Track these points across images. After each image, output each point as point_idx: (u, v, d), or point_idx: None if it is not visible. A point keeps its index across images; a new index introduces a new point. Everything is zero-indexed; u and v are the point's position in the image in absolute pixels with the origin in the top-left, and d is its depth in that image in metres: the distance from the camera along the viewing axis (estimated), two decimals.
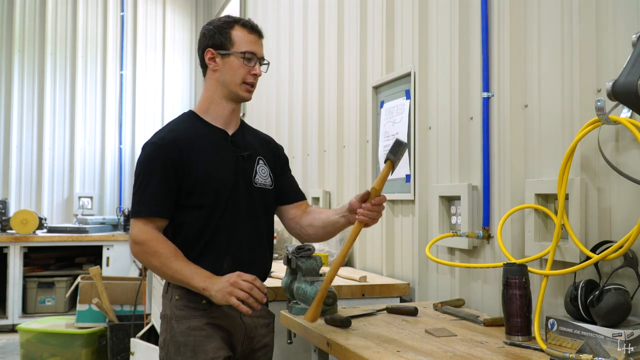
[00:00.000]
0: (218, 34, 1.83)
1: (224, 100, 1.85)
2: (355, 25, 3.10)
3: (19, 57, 6.79)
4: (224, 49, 1.82)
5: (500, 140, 1.98)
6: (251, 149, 1.89)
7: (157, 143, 1.78)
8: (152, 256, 1.71)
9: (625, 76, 1.30)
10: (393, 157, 1.64)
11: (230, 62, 1.81)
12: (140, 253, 1.74)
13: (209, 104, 1.87)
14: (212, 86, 1.86)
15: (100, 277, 4.39)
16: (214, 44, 1.83)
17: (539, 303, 1.57)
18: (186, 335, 1.73)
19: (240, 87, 1.83)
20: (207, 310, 1.75)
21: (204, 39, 1.86)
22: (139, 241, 1.73)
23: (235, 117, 1.90)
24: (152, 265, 1.73)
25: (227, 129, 1.87)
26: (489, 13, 2.06)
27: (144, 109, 7.19)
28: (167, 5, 7.41)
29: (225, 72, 1.82)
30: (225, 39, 1.82)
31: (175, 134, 1.79)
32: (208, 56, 1.84)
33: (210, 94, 1.86)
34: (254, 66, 1.83)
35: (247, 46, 1.82)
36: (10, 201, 6.41)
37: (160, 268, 1.71)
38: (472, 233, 2.06)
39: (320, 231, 1.88)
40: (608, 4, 1.59)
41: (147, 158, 1.78)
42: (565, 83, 1.72)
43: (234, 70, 1.81)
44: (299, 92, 4.01)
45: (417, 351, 1.46)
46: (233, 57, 1.81)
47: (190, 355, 1.71)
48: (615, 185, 1.56)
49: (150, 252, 1.71)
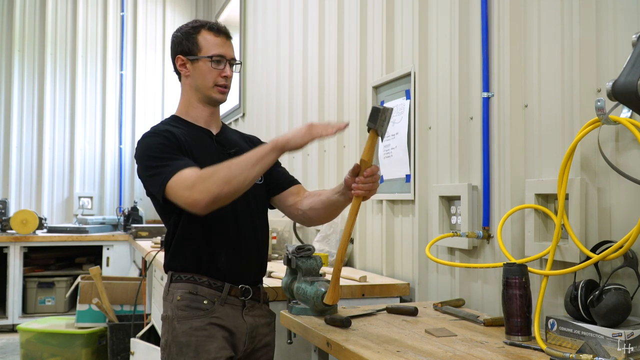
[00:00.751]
0: (185, 40, 1.85)
1: (200, 104, 1.88)
2: (355, 25, 3.10)
3: (19, 57, 6.79)
4: (192, 54, 1.84)
5: (500, 140, 1.98)
6: (236, 146, 1.91)
7: (154, 132, 1.77)
8: (214, 175, 1.56)
9: (625, 76, 1.30)
10: (373, 124, 1.59)
11: (200, 67, 1.83)
12: (204, 186, 1.55)
13: (187, 107, 1.89)
14: (187, 91, 1.88)
15: (100, 277, 4.39)
16: (183, 50, 1.85)
17: (539, 303, 1.57)
18: (188, 335, 1.73)
19: (213, 90, 1.85)
20: (209, 310, 1.75)
21: (173, 46, 1.88)
22: (191, 179, 1.57)
23: (215, 119, 1.92)
24: (222, 180, 1.55)
25: (210, 129, 1.89)
26: (489, 13, 2.06)
27: (144, 109, 7.19)
28: (167, 5, 7.41)
29: (197, 77, 1.84)
30: (193, 44, 1.84)
31: (167, 131, 1.79)
32: (179, 63, 1.86)
33: (187, 98, 1.89)
34: (224, 68, 1.84)
35: (214, 49, 1.83)
36: (10, 201, 6.41)
37: (230, 171, 1.56)
38: (472, 233, 2.06)
39: (322, 213, 1.87)
40: (608, 4, 1.59)
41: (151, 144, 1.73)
42: (565, 83, 1.72)
43: (204, 75, 1.83)
44: (298, 91, 4.01)
45: (417, 351, 1.46)
46: (202, 62, 1.83)
47: (192, 356, 1.71)
48: (615, 185, 1.56)
49: (209, 175, 1.56)
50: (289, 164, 4.09)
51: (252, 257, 1.86)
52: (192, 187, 1.56)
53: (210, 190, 1.55)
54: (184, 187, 1.58)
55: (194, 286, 1.77)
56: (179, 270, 1.80)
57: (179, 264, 1.80)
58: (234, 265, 1.80)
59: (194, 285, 1.77)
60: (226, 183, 1.55)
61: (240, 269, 1.82)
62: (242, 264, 1.82)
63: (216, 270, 1.78)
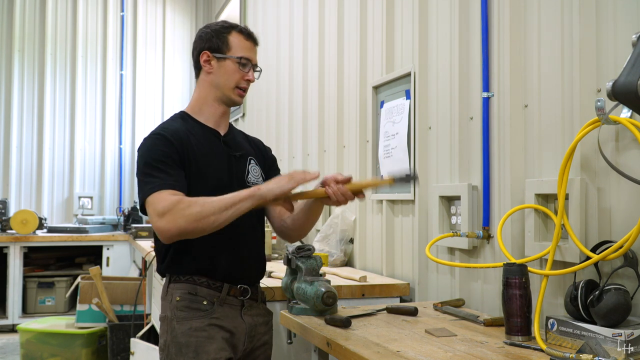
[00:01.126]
0: (215, 37, 1.85)
1: (216, 102, 1.87)
2: (355, 25, 3.10)
3: (19, 57, 6.79)
4: (220, 52, 1.84)
5: (500, 140, 1.98)
6: (242, 149, 1.91)
7: (160, 133, 1.76)
8: (188, 208, 1.56)
9: (625, 76, 1.30)
10: (397, 180, 1.65)
11: (226, 66, 1.83)
12: (175, 217, 1.56)
13: (202, 104, 1.88)
14: (205, 88, 1.87)
15: (100, 277, 4.39)
16: (211, 47, 1.84)
17: (539, 303, 1.57)
18: (188, 336, 1.73)
19: (233, 91, 1.85)
20: (208, 311, 1.75)
21: (201, 41, 1.87)
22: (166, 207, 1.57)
23: (225, 119, 1.92)
24: (193, 216, 1.56)
25: (218, 129, 1.89)
26: (489, 13, 2.06)
27: (144, 109, 7.19)
28: (167, 5, 7.41)
29: (220, 76, 1.84)
30: (223, 43, 1.84)
31: (174, 129, 1.79)
32: (203, 58, 1.85)
33: (203, 95, 1.88)
34: (248, 72, 1.85)
35: (243, 52, 1.84)
36: (10, 201, 6.41)
37: (203, 210, 1.56)
38: (472, 233, 2.06)
39: (297, 217, 1.87)
40: (608, 4, 1.59)
41: (152, 147, 1.73)
42: (565, 83, 1.72)
43: (229, 74, 1.83)
44: (299, 92, 4.01)
45: (417, 351, 1.46)
46: (229, 61, 1.83)
47: (192, 356, 1.71)
48: (615, 185, 1.56)
49: (184, 207, 1.56)
50: (288, 164, 4.10)
51: (251, 257, 1.86)
52: (162, 214, 1.57)
53: (177, 224, 1.56)
54: (156, 212, 1.59)
55: (193, 287, 1.76)
56: (178, 271, 1.80)
57: (178, 266, 1.80)
58: (233, 265, 1.80)
59: (193, 286, 1.76)
60: (195, 220, 1.57)
61: (239, 269, 1.82)
62: (241, 265, 1.82)
63: (215, 271, 1.78)
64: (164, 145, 1.73)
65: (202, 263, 1.77)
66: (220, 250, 1.78)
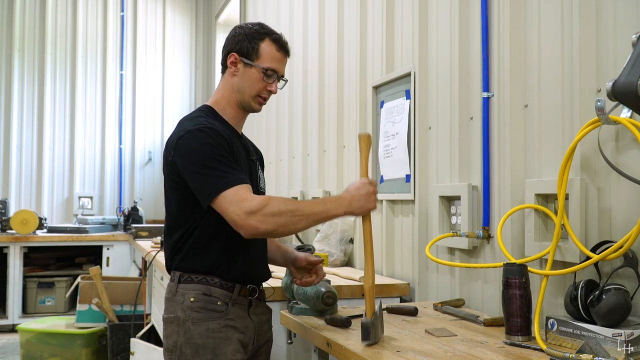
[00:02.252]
0: (247, 41, 1.80)
1: (237, 106, 1.85)
2: (355, 25, 3.10)
3: (19, 57, 6.79)
4: (248, 58, 1.79)
5: (500, 140, 1.98)
6: (255, 154, 1.93)
7: (213, 128, 1.70)
8: (276, 214, 1.55)
9: (625, 76, 1.30)
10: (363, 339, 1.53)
11: (250, 74, 1.80)
12: (265, 219, 1.54)
13: (225, 105, 1.85)
14: (228, 89, 1.84)
15: (100, 277, 4.39)
16: (240, 49, 1.80)
17: (539, 303, 1.57)
18: (205, 337, 1.70)
19: (254, 99, 1.82)
20: (223, 312, 1.73)
21: (232, 41, 1.83)
22: (254, 207, 1.54)
23: (243, 122, 1.91)
24: (282, 222, 1.55)
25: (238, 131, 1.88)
26: (489, 13, 2.06)
27: (144, 109, 7.19)
28: (167, 5, 7.41)
29: (243, 81, 1.81)
30: (253, 49, 1.79)
31: (219, 127, 1.73)
32: (231, 60, 1.81)
33: (227, 96, 1.85)
34: (272, 83, 1.82)
35: (271, 63, 1.80)
36: (10, 201, 6.41)
37: (293, 217, 1.56)
38: (472, 233, 2.06)
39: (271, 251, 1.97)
40: (608, 4, 1.59)
41: (211, 140, 1.66)
42: (565, 83, 1.72)
43: (252, 82, 1.80)
44: (299, 92, 4.01)
45: (417, 351, 1.46)
46: (255, 69, 1.79)
47: (210, 358, 1.69)
48: (615, 185, 1.56)
49: (272, 211, 1.55)
50: (288, 165, 4.10)
51: (263, 258, 1.87)
52: (252, 212, 1.54)
53: (265, 227, 1.55)
54: (243, 209, 1.55)
55: (207, 287, 1.73)
56: (190, 271, 1.77)
57: (192, 265, 1.76)
58: (248, 266, 1.79)
59: (206, 287, 1.73)
60: (283, 226, 1.57)
61: (253, 271, 1.81)
62: (254, 265, 1.82)
63: (230, 273, 1.76)
64: (221, 140, 1.68)
65: (219, 262, 1.75)
66: (235, 251, 1.76)
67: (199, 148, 1.65)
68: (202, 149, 1.65)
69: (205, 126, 1.70)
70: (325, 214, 1.60)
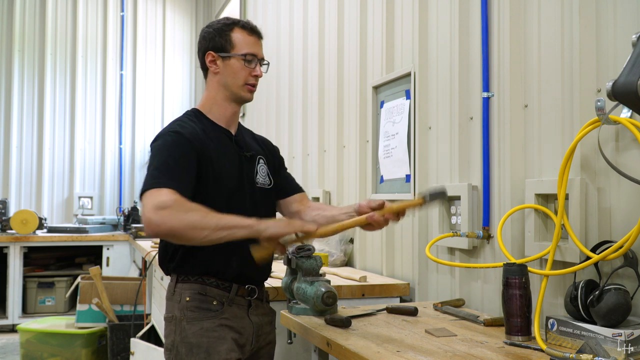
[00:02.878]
0: (218, 36, 1.83)
1: (226, 102, 1.86)
2: (355, 25, 3.10)
3: (19, 57, 6.79)
4: (224, 51, 1.82)
5: (500, 140, 1.98)
6: (253, 150, 1.91)
7: (180, 132, 1.71)
8: (188, 212, 1.51)
9: (625, 76, 1.30)
10: (429, 200, 1.57)
11: (232, 65, 1.82)
12: (171, 214, 1.50)
13: (212, 104, 1.86)
14: (214, 88, 1.86)
15: (100, 277, 4.39)
16: (215, 46, 1.83)
17: (539, 303, 1.57)
18: (199, 336, 1.72)
19: (242, 88, 1.84)
20: (218, 312, 1.74)
21: (204, 41, 1.85)
22: (167, 202, 1.50)
23: (236, 118, 1.91)
24: (189, 221, 1.50)
25: (229, 129, 1.88)
26: (489, 13, 2.06)
27: (144, 109, 7.19)
28: (167, 5, 7.41)
29: (227, 75, 1.82)
30: (226, 41, 1.82)
31: (191, 128, 1.76)
32: (209, 59, 1.84)
33: (213, 95, 1.86)
34: (255, 67, 1.84)
35: (247, 48, 1.82)
36: (10, 201, 6.41)
37: (202, 220, 1.51)
38: (472, 233, 2.06)
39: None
40: (608, 4, 1.59)
41: (171, 143, 1.68)
42: (565, 83, 1.72)
43: (236, 73, 1.82)
44: (299, 91, 4.01)
45: (417, 351, 1.46)
46: (234, 59, 1.81)
47: (203, 357, 1.70)
48: (615, 185, 1.56)
49: (185, 209, 1.51)
50: (288, 165, 4.09)
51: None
52: (160, 208, 1.50)
53: (171, 223, 1.50)
54: (154, 204, 1.51)
55: (203, 287, 1.75)
56: (186, 271, 1.78)
57: (188, 266, 1.78)
58: (244, 266, 1.79)
59: (202, 286, 1.75)
60: (189, 228, 1.50)
61: (249, 270, 1.81)
62: (251, 266, 1.81)
63: (226, 272, 1.77)
64: (183, 145, 1.69)
65: (214, 263, 1.76)
66: (232, 251, 1.76)
67: (157, 150, 1.69)
68: (158, 151, 1.68)
69: (174, 130, 1.72)
70: (232, 223, 1.54)
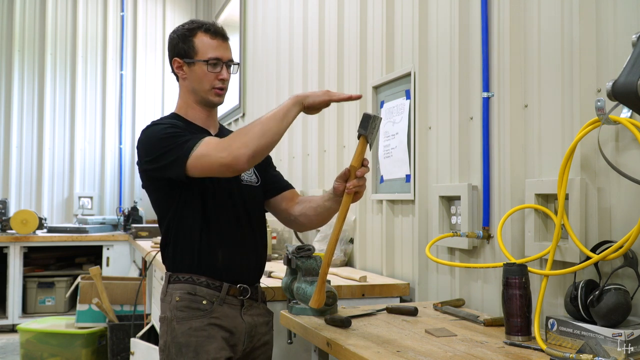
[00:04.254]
0: (182, 42, 1.84)
1: (198, 106, 1.88)
2: (355, 25, 3.10)
3: (19, 57, 6.79)
4: (188, 57, 1.82)
5: (500, 140, 1.98)
6: None
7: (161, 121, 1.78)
8: (249, 130, 1.60)
9: (625, 76, 1.30)
10: (364, 131, 1.62)
11: (196, 70, 1.82)
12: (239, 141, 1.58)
13: (186, 108, 1.89)
14: (185, 93, 1.88)
15: (100, 277, 4.39)
16: (179, 52, 1.84)
17: (539, 303, 1.57)
18: (188, 336, 1.73)
19: (210, 92, 1.84)
20: (208, 311, 1.75)
21: (170, 48, 1.88)
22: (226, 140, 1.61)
23: (212, 120, 1.92)
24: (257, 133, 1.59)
25: (209, 129, 1.90)
26: (489, 13, 2.06)
27: (144, 109, 7.19)
28: (167, 5, 7.41)
29: (193, 80, 1.83)
30: (189, 47, 1.82)
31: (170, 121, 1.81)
32: (175, 65, 1.86)
33: (185, 99, 1.89)
34: (221, 71, 1.83)
35: (211, 52, 1.82)
36: (10, 201, 6.41)
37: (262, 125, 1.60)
38: (472, 233, 2.06)
39: (314, 219, 1.89)
40: (608, 4, 1.59)
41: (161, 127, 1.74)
42: (565, 83, 1.72)
43: (201, 78, 1.82)
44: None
45: (417, 351, 1.46)
46: (198, 65, 1.82)
47: (192, 356, 1.71)
48: (615, 185, 1.56)
49: (243, 132, 1.61)
50: (288, 164, 4.10)
51: (250, 257, 1.86)
52: (228, 147, 1.59)
53: (249, 144, 1.57)
54: (219, 149, 1.60)
55: (193, 287, 1.77)
56: (177, 270, 1.80)
57: (177, 263, 1.80)
58: (232, 264, 1.80)
59: (192, 286, 1.77)
60: (262, 136, 1.58)
61: (238, 268, 1.82)
62: (240, 264, 1.83)
63: (214, 269, 1.78)
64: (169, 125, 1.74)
65: (199, 261, 1.77)
66: (219, 248, 1.79)
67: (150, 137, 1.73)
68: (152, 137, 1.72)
69: (153, 122, 1.79)
70: (282, 110, 1.62)
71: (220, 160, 1.59)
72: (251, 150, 1.57)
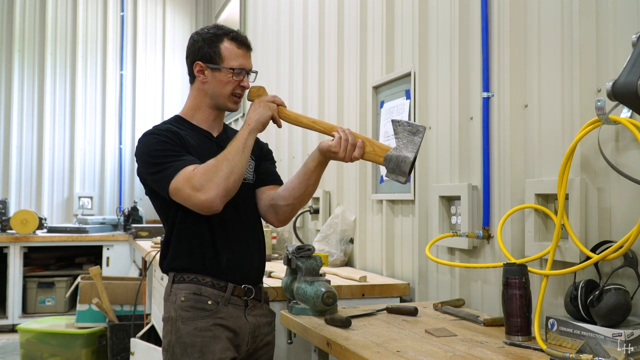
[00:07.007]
0: (207, 47, 1.82)
1: (209, 109, 1.87)
2: (355, 26, 3.10)
3: (19, 57, 6.79)
4: (213, 63, 1.81)
5: (500, 140, 1.98)
6: None
7: (155, 132, 1.77)
8: (218, 169, 1.62)
9: (625, 76, 1.30)
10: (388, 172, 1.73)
11: (220, 77, 1.82)
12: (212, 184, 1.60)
13: (195, 111, 1.88)
14: (199, 95, 1.87)
15: (100, 277, 4.39)
16: (203, 56, 1.82)
17: (539, 303, 1.57)
18: (193, 336, 1.72)
19: (229, 99, 1.85)
20: (213, 311, 1.75)
21: (193, 50, 1.85)
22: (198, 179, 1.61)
23: (218, 122, 1.92)
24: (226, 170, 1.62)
25: (211, 131, 1.89)
26: (489, 13, 2.06)
27: (144, 109, 7.19)
28: (167, 5, 7.41)
29: (215, 86, 1.83)
30: (215, 53, 1.81)
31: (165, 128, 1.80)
32: (197, 69, 1.83)
33: (197, 102, 1.88)
34: (243, 79, 1.84)
35: (237, 61, 1.82)
36: (10, 201, 6.41)
37: (228, 161, 1.64)
38: (472, 233, 2.06)
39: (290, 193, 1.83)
40: (608, 4, 1.59)
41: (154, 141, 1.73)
42: (565, 83, 1.72)
43: (224, 85, 1.82)
44: (298, 92, 4.01)
45: (417, 351, 1.46)
46: (223, 72, 1.81)
47: (197, 356, 1.71)
48: (615, 185, 1.56)
49: (212, 171, 1.62)
50: (288, 164, 4.10)
51: (253, 257, 1.87)
52: (200, 187, 1.60)
53: (220, 184, 1.61)
54: (191, 186, 1.61)
55: (198, 287, 1.76)
56: (181, 270, 1.80)
57: (181, 264, 1.80)
58: (237, 264, 1.80)
59: (197, 286, 1.76)
60: (231, 173, 1.62)
61: (242, 268, 1.82)
62: (244, 263, 1.83)
63: (219, 270, 1.78)
64: (163, 137, 1.74)
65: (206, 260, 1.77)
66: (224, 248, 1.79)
67: (143, 150, 1.74)
68: (145, 150, 1.74)
69: (151, 130, 1.79)
70: (240, 140, 1.69)
71: (195, 201, 1.62)
72: (222, 190, 1.61)
